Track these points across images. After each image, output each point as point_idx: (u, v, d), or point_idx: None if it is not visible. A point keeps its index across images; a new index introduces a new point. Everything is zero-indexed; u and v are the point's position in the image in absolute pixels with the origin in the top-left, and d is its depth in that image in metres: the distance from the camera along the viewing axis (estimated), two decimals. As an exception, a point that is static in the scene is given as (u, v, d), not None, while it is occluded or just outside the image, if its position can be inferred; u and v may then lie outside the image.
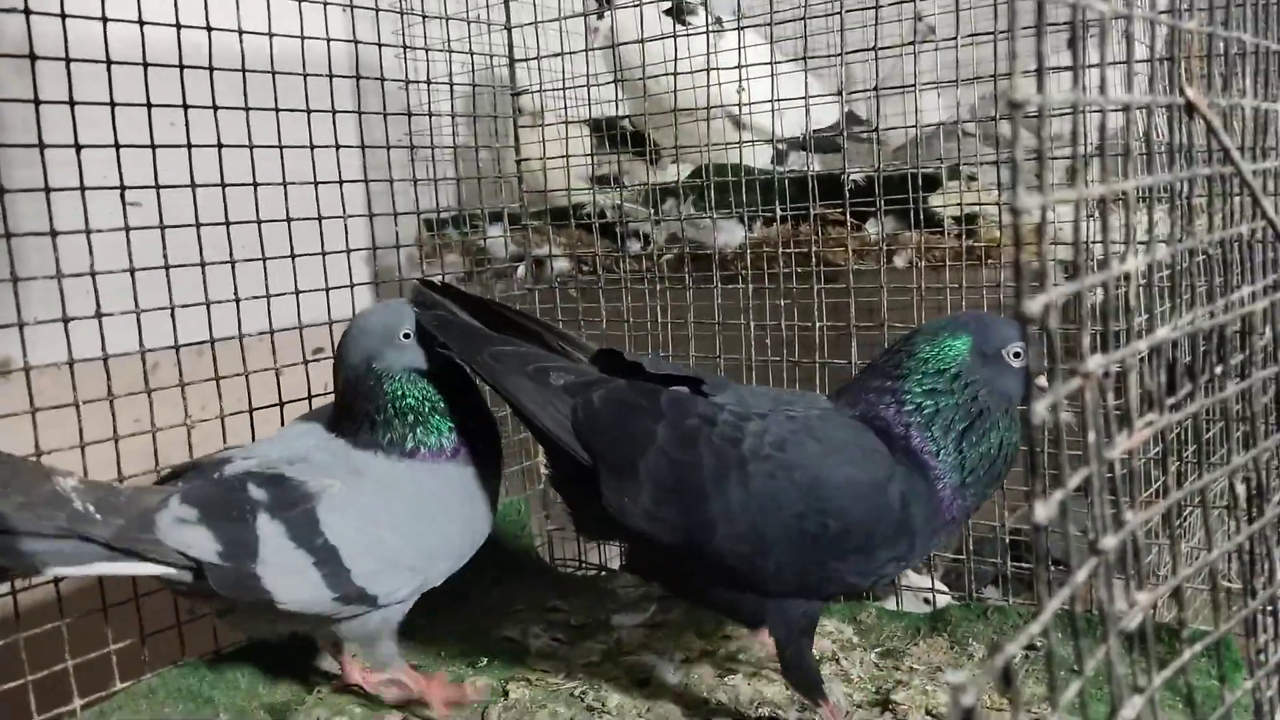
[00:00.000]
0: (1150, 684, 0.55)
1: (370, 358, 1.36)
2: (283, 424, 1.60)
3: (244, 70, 1.57)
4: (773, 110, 1.69)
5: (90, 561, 1.19)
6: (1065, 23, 1.36)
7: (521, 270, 2.10)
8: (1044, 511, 0.46)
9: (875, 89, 1.60)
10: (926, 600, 1.74)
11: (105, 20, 1.41)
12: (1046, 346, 0.51)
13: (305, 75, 1.67)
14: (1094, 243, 1.33)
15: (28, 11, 1.35)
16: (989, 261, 1.61)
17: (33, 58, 1.35)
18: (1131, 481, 0.57)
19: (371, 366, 1.36)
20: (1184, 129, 0.69)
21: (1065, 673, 0.50)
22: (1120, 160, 1.45)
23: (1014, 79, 0.48)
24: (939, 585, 1.77)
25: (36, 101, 1.35)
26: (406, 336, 1.36)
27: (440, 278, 2.04)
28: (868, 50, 1.60)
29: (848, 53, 1.61)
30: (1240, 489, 0.70)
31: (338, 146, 1.72)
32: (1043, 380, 1.17)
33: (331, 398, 1.45)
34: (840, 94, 1.62)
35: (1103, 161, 0.60)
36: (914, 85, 1.58)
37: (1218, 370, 0.73)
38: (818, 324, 1.73)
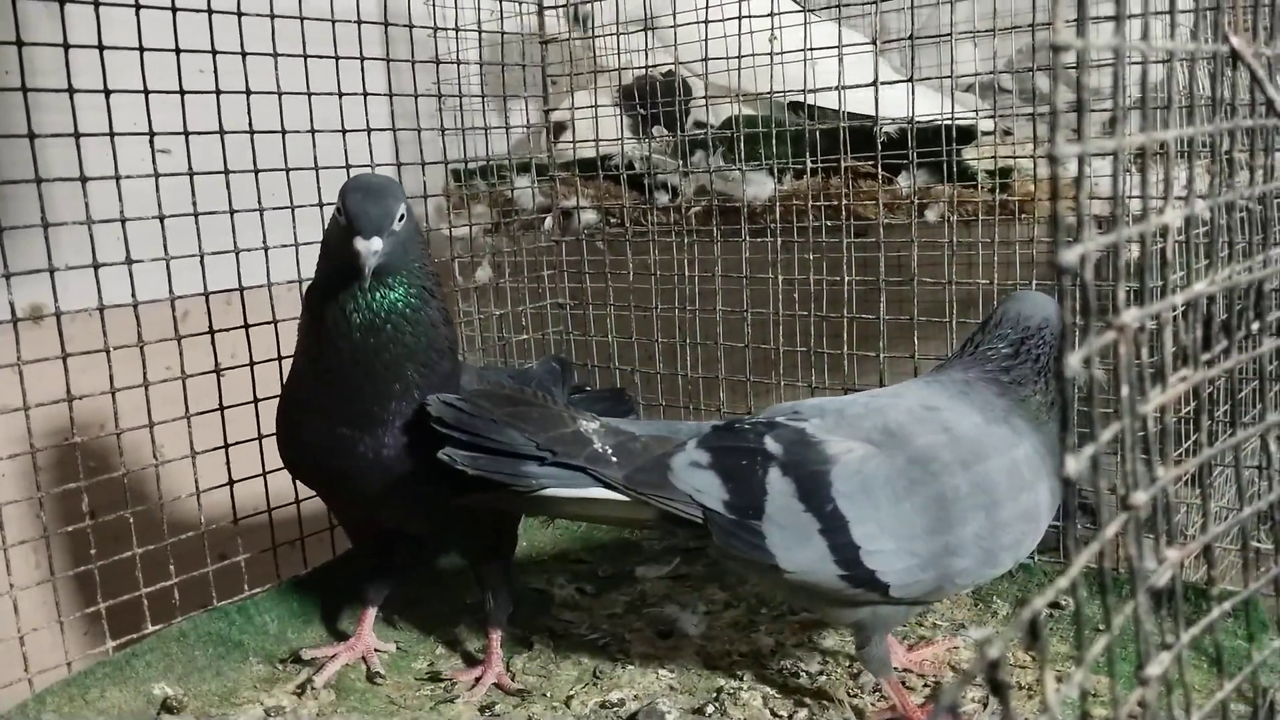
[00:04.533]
0: (1178, 641, 0.55)
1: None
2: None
3: (272, 15, 1.56)
4: (804, 61, 1.66)
5: (584, 487, 1.22)
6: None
7: (549, 221, 2.09)
8: (1074, 465, 0.45)
9: (910, 38, 1.57)
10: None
11: (134, -36, 1.40)
12: (1081, 299, 0.50)
13: (334, 21, 1.66)
14: (1131, 197, 1.30)
15: (57, -45, 1.35)
16: (1022, 216, 1.59)
17: (62, 1, 1.35)
18: (1164, 438, 0.56)
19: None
20: (1227, 80, 0.67)
21: (1091, 631, 0.50)
22: (1161, 112, 1.42)
23: (1056, 22, 0.47)
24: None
25: (66, 46, 1.35)
26: None
27: (468, 228, 2.04)
28: (904, -2, 1.57)
29: (882, 0, 1.58)
30: (1274, 447, 0.69)
31: (365, 94, 1.72)
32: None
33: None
34: (874, 43, 1.59)
35: (1143, 112, 0.58)
36: (949, 35, 1.55)
37: (1254, 327, 0.72)
38: (847, 278, 1.71)
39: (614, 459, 1.22)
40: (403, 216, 1.26)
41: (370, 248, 1.20)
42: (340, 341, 1.28)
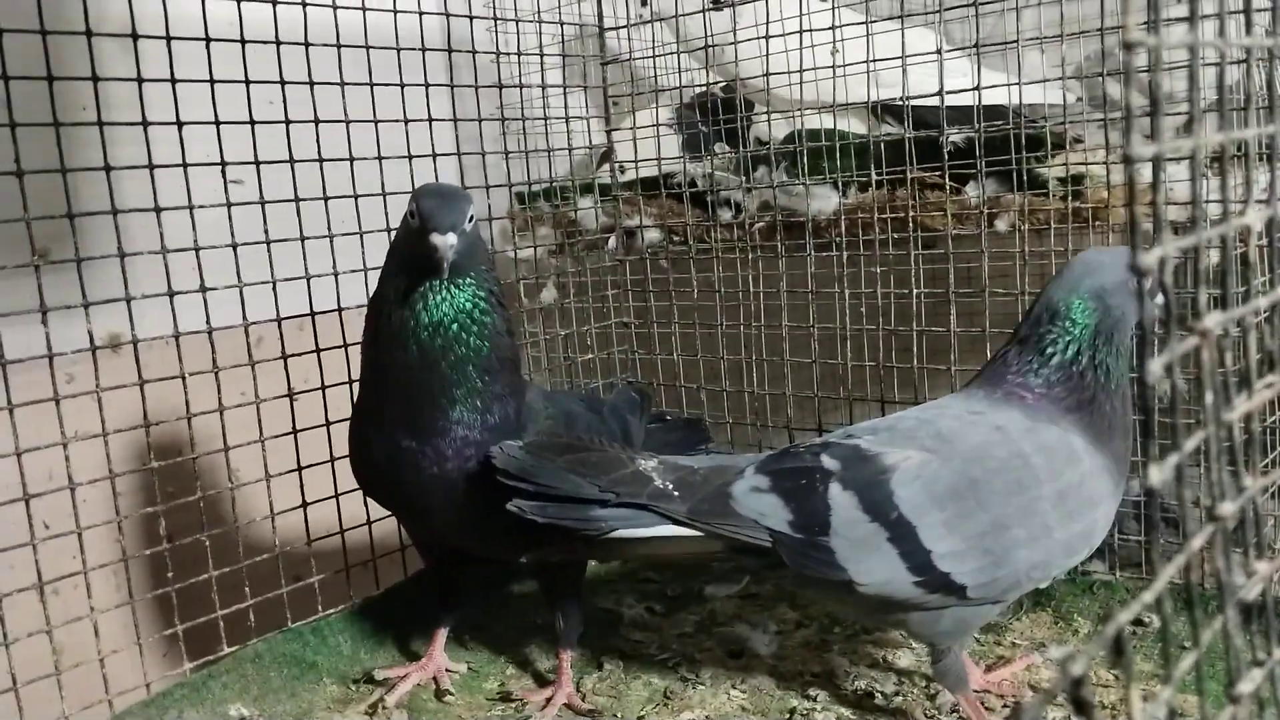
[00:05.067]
0: (1271, 657, 0.53)
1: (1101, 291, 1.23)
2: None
3: (339, 45, 1.59)
4: (868, 72, 1.65)
5: (651, 526, 1.23)
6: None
7: (613, 241, 2.09)
8: (1158, 475, 0.44)
9: (976, 46, 1.55)
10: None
11: (204, -1, 1.44)
12: (1165, 303, 0.49)
13: (399, 49, 1.68)
14: (1210, 201, 1.27)
15: (130, -8, 1.39)
16: (1095, 224, 1.55)
17: (135, 36, 1.39)
18: (1251, 446, 0.54)
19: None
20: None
21: (1178, 648, 0.48)
22: (1239, 113, 1.38)
23: (1127, 20, 0.45)
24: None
25: (140, 80, 1.39)
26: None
27: (533, 250, 2.05)
28: (967, 6, 1.55)
29: (946, 9, 1.56)
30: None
31: (430, 120, 1.74)
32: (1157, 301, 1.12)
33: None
34: (939, 53, 1.57)
35: (1220, 113, 0.56)
36: (1016, 42, 1.52)
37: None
38: (915, 291, 1.69)
39: (676, 493, 1.23)
40: (472, 218, 1.28)
41: (446, 242, 1.22)
42: (408, 342, 1.28)
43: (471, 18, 1.89)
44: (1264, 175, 0.69)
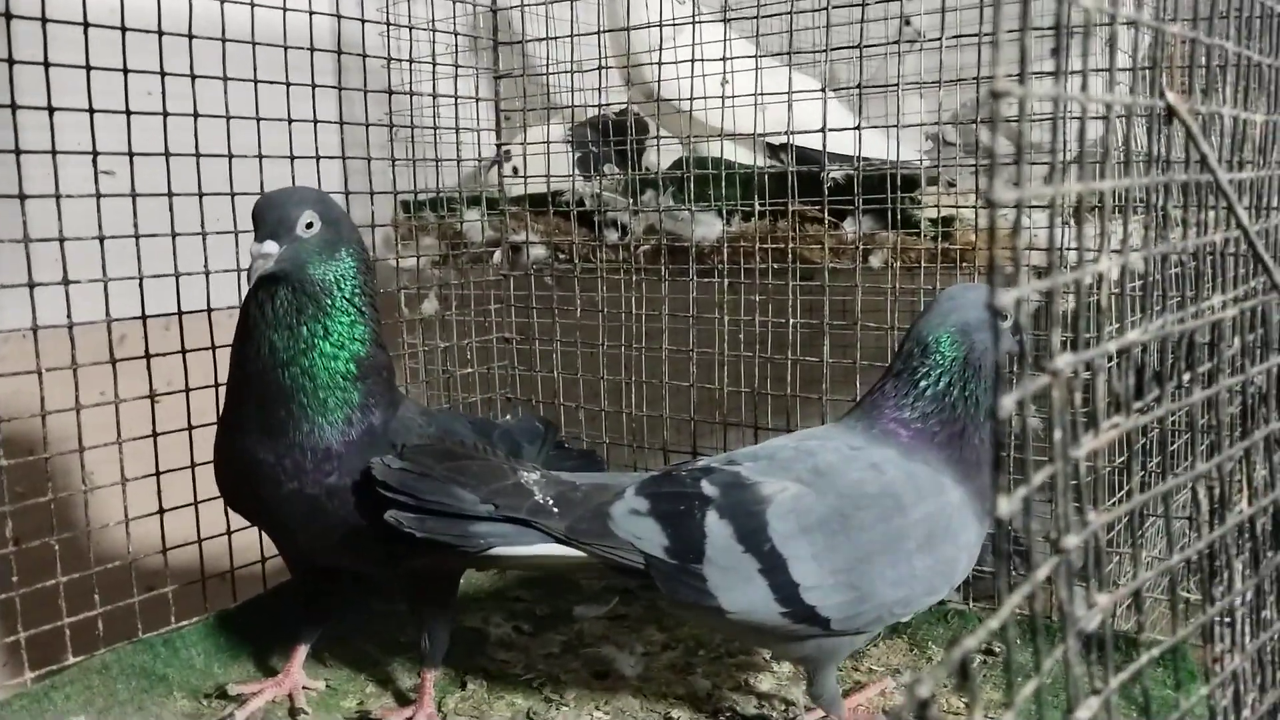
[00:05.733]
0: (1107, 686, 0.55)
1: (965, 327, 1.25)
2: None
3: (224, 40, 1.55)
4: (755, 105, 1.68)
5: (533, 543, 1.22)
6: (1050, 27, 1.36)
7: (498, 255, 2.08)
8: (1006, 506, 0.46)
9: (859, 87, 1.60)
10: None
11: (83, -18, 1.39)
12: (1020, 342, 0.51)
13: (286, 48, 1.65)
14: (1069, 249, 1.33)
15: (3, -31, 1.33)
16: (963, 265, 1.61)
17: (8, 16, 1.33)
18: (1096, 484, 0.57)
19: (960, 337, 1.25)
20: (1162, 136, 0.69)
21: (1022, 678, 0.50)
22: (1098, 166, 1.45)
23: (996, 69, 0.48)
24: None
25: (10, 61, 1.33)
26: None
27: (416, 260, 2.03)
28: (853, 48, 1.60)
29: (833, 49, 1.61)
30: (1203, 496, 0.70)
31: (316, 121, 1.71)
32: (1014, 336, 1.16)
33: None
34: (823, 90, 1.62)
35: (1080, 161, 0.59)
36: (897, 85, 1.57)
37: (1185, 378, 0.73)
38: (792, 321, 1.72)
39: (555, 510, 1.23)
40: (311, 225, 1.25)
41: (259, 250, 1.22)
42: (260, 342, 1.27)
43: (364, 21, 1.87)
44: (1119, 227, 0.73)
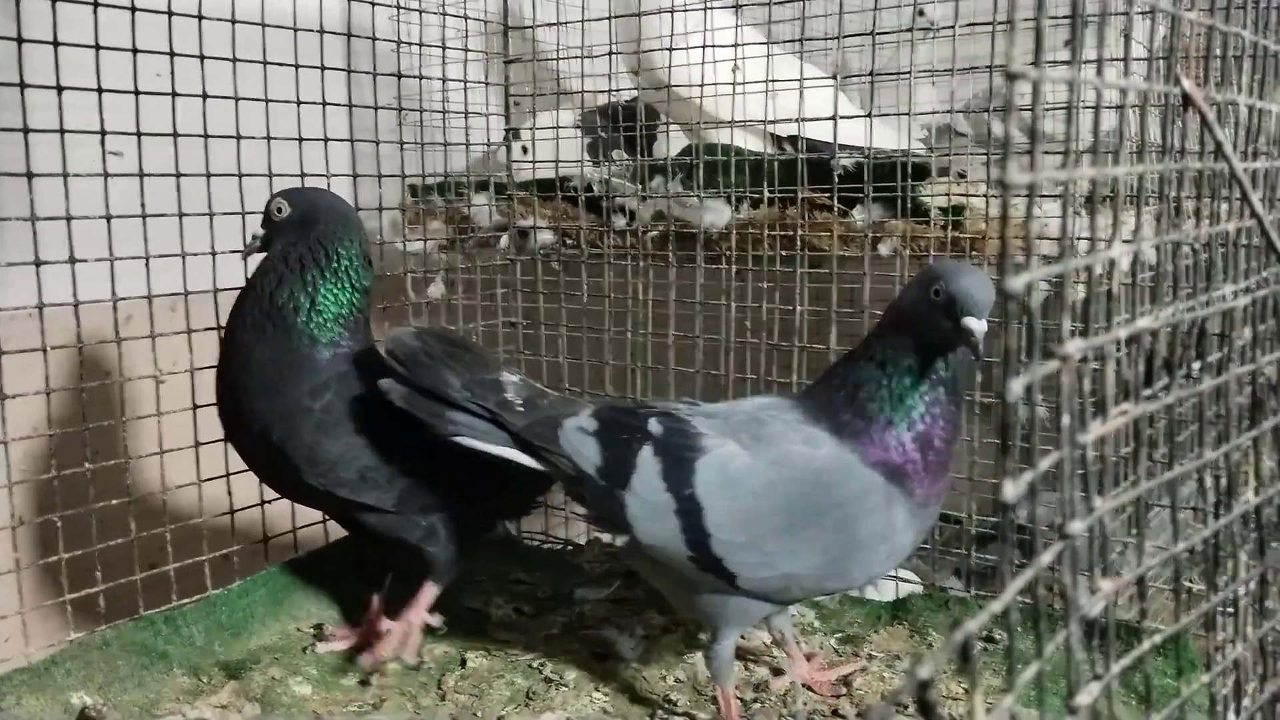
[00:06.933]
0: (1108, 672, 0.55)
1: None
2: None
3: (233, 20, 1.55)
4: (766, 92, 1.68)
5: (496, 444, 1.32)
6: (1065, 16, 1.35)
7: (505, 240, 2.08)
8: (1012, 490, 0.45)
9: (871, 75, 1.59)
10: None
11: (93, -41, 1.38)
12: (1028, 328, 0.51)
13: (296, 30, 1.65)
14: (1080, 238, 1.32)
15: (13, -54, 1.33)
16: (973, 254, 1.61)
17: (17, -6, 1.33)
18: (1103, 471, 0.57)
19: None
20: (1177, 125, 0.69)
21: (1023, 664, 0.50)
22: (1112, 153, 1.45)
23: (1012, 52, 0.47)
24: (904, 574, 1.78)
25: (20, 40, 1.33)
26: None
27: (423, 243, 2.03)
28: (865, 35, 1.59)
29: (845, 37, 1.60)
30: (1209, 484, 0.70)
31: (324, 104, 1.70)
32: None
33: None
34: (835, 78, 1.61)
35: (1094, 153, 0.59)
36: (909, 73, 1.57)
37: (1195, 366, 0.73)
38: (799, 308, 1.72)
39: (520, 409, 1.33)
40: (281, 209, 1.44)
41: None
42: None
43: (374, 4, 1.86)
44: (1131, 215, 0.73)
